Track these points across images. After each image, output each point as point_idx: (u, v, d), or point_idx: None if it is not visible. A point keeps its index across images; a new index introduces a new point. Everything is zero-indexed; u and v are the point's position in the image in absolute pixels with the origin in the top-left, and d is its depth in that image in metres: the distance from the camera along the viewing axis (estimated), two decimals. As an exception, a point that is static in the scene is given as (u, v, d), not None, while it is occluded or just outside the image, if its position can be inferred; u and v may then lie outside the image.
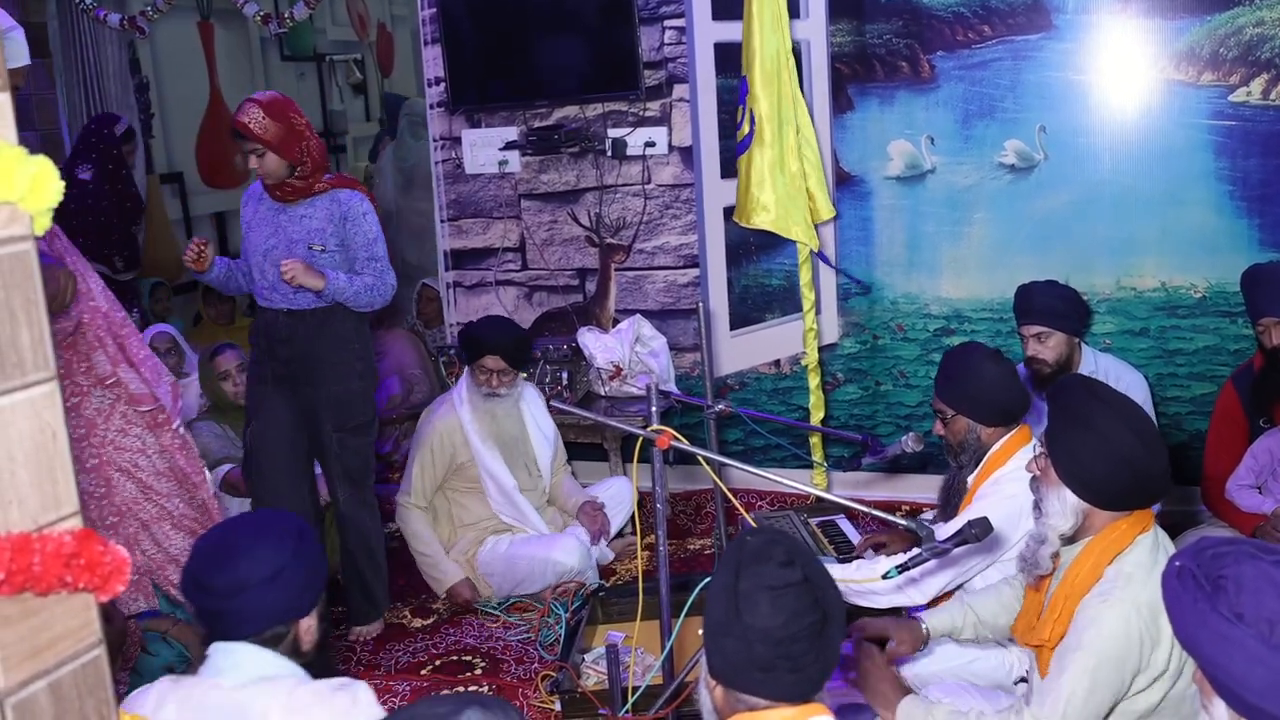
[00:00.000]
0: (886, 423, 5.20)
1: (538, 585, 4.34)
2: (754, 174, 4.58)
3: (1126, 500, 2.44)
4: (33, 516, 1.11)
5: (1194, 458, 4.59)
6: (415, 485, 4.45)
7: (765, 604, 1.80)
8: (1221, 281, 4.62)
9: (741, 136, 4.62)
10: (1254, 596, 1.63)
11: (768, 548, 1.86)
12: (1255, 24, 4.45)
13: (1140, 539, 2.43)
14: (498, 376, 4.39)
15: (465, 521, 4.50)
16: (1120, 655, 2.34)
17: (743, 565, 1.85)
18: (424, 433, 4.49)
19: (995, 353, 3.32)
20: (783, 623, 1.79)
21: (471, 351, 4.39)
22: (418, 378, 6.24)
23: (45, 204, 1.09)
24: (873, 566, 3.27)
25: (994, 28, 4.78)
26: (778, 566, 1.83)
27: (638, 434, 2.78)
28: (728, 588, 1.84)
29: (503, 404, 4.44)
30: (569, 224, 5.56)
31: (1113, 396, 2.47)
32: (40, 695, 1.11)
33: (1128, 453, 2.38)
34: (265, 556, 2.20)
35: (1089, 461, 2.41)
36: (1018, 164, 4.81)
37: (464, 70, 5.50)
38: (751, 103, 4.53)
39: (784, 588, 1.81)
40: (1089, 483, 2.42)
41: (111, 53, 6.65)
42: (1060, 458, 2.46)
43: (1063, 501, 2.46)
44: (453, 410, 4.46)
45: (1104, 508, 2.44)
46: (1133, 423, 2.41)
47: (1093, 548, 2.45)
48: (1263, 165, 4.51)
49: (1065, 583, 2.48)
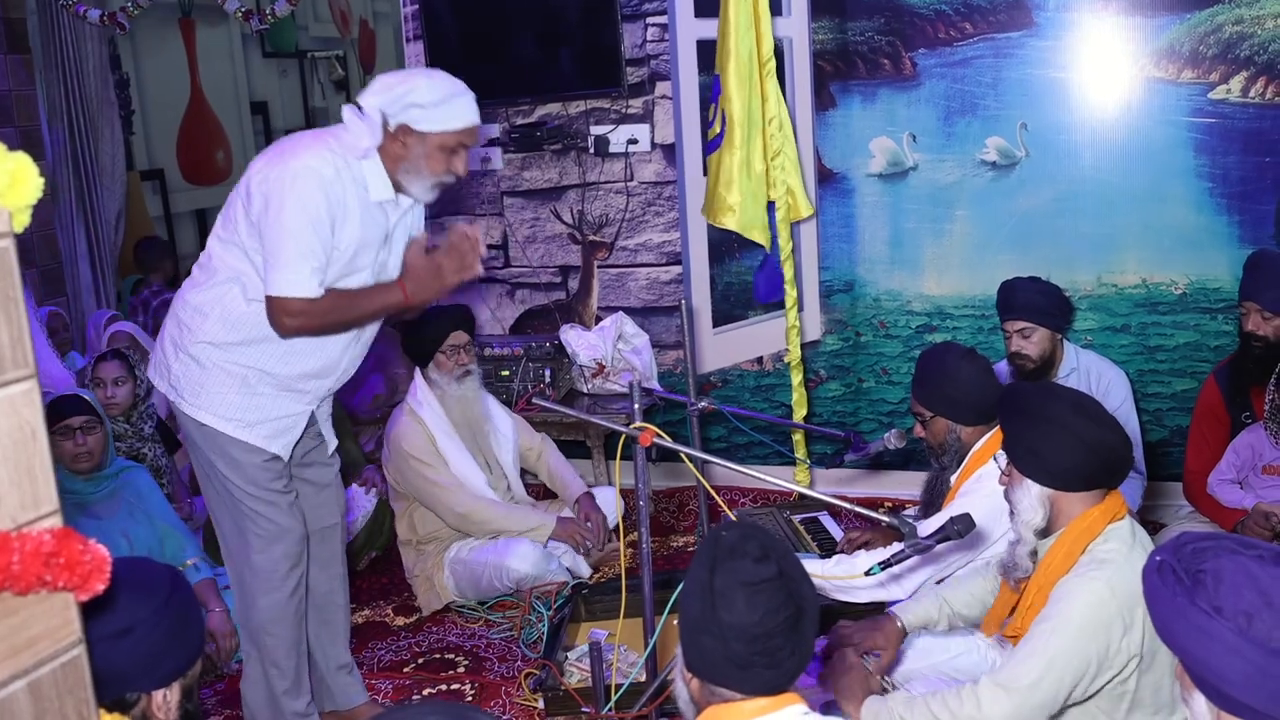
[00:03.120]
0: (869, 419, 5.22)
1: (498, 591, 4.31)
2: (722, 174, 4.58)
3: (1090, 479, 2.48)
4: (11, 515, 1.10)
5: (1175, 453, 4.62)
6: (445, 496, 4.32)
7: (741, 601, 1.81)
8: (1202, 278, 4.64)
9: (713, 135, 4.62)
10: (1232, 590, 1.64)
11: (742, 543, 1.86)
12: (1234, 22, 4.47)
13: (1113, 527, 2.47)
14: (465, 351, 4.37)
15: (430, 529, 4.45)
16: (1087, 630, 2.35)
17: (718, 561, 1.85)
18: (401, 456, 4.34)
19: (970, 351, 3.33)
20: (758, 619, 1.80)
21: (432, 340, 4.32)
22: (402, 376, 6.22)
23: (24, 200, 1.09)
24: (853, 562, 3.28)
25: (975, 25, 4.79)
26: (752, 562, 1.83)
27: (621, 431, 2.79)
28: (703, 584, 1.84)
29: (473, 382, 4.41)
30: (552, 221, 5.55)
31: (1055, 388, 2.56)
32: (19, 695, 1.11)
33: (1080, 430, 2.44)
34: (115, 608, 1.87)
35: (1046, 450, 2.46)
36: (999, 161, 4.82)
37: (446, 67, 5.43)
38: (724, 103, 4.53)
39: (759, 584, 1.81)
40: (1050, 469, 2.47)
41: (92, 49, 6.61)
42: (1020, 456, 2.52)
43: (1029, 494, 2.51)
44: (413, 418, 4.36)
45: (1069, 489, 2.48)
46: (1079, 405, 2.48)
47: (1065, 538, 2.48)
48: (1242, 162, 4.54)
49: (1039, 574, 2.51)
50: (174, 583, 2.03)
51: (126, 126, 7.43)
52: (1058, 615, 2.38)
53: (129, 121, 7.59)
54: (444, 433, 4.37)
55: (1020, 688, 2.36)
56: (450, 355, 4.35)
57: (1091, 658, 2.36)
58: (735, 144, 4.52)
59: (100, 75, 6.70)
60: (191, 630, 2.05)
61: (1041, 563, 2.50)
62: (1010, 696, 2.36)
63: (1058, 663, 2.35)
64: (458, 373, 4.36)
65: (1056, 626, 2.37)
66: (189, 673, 2.05)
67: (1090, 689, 2.40)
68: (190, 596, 2.09)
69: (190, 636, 2.04)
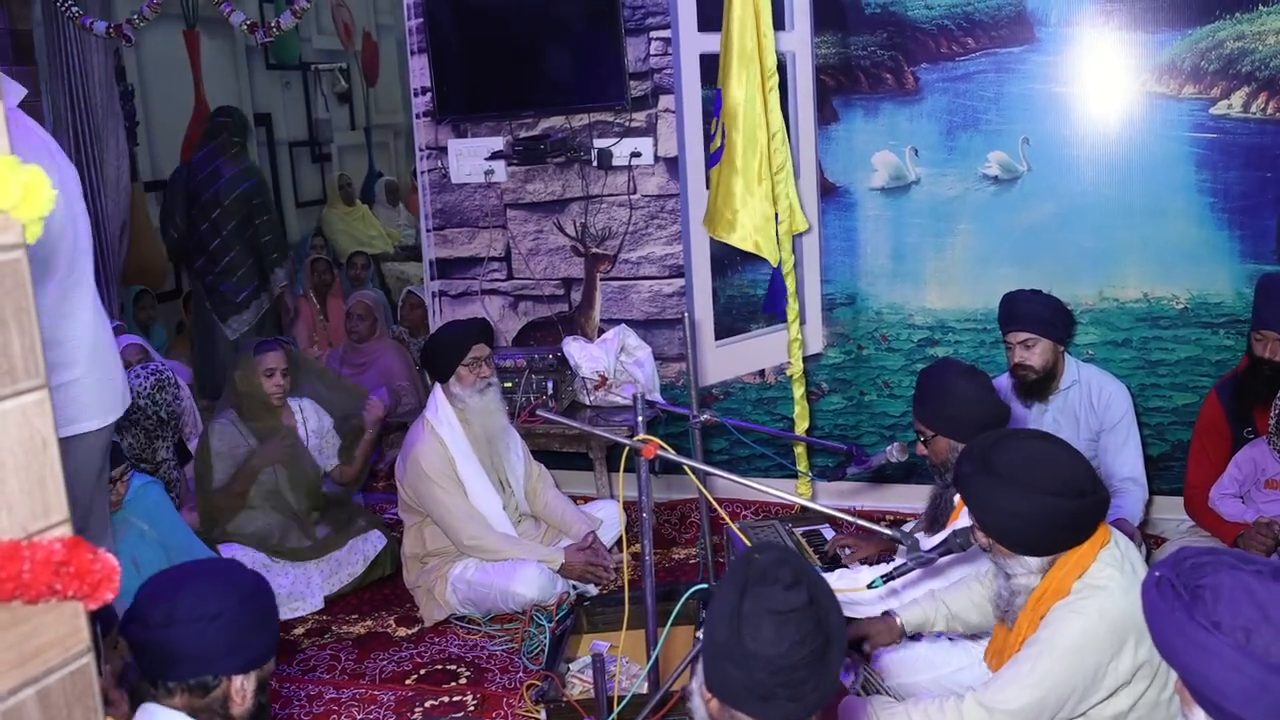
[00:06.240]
0: (871, 432, 5.22)
1: (501, 611, 4.30)
2: (723, 188, 4.58)
3: (1078, 534, 2.47)
4: (22, 524, 1.11)
5: (1176, 468, 4.63)
6: (457, 524, 4.32)
7: (769, 629, 1.76)
8: (1203, 293, 4.65)
9: (714, 149, 4.63)
10: (1230, 605, 1.65)
11: (774, 568, 1.81)
12: (1236, 38, 4.49)
13: (1101, 554, 2.46)
14: (486, 363, 4.38)
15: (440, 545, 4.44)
16: (1075, 654, 2.36)
17: (748, 585, 1.81)
18: (419, 475, 4.33)
19: (969, 369, 3.32)
20: (785, 650, 1.75)
21: (454, 354, 4.33)
22: (404, 389, 6.24)
23: (37, 213, 1.09)
24: (855, 577, 3.29)
25: (977, 40, 4.81)
26: (783, 589, 1.78)
27: (624, 443, 2.80)
28: (731, 608, 1.80)
29: (493, 394, 4.42)
30: (554, 234, 5.57)
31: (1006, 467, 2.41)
32: (29, 703, 1.11)
33: (1054, 512, 2.39)
34: (208, 594, 2.11)
35: (1029, 533, 2.44)
36: (1001, 175, 4.84)
37: (450, 80, 5.51)
38: (725, 117, 4.53)
39: (788, 612, 1.77)
40: (1038, 546, 2.46)
41: (97, 60, 6.64)
42: (1004, 538, 2.49)
43: (1025, 565, 2.50)
44: (434, 437, 4.36)
45: (1065, 550, 2.47)
46: (1038, 482, 2.38)
47: (1056, 572, 2.48)
48: (1243, 177, 4.55)
49: (1030, 606, 2.51)
50: (258, 582, 2.24)
51: (131, 137, 7.45)
52: (1046, 640, 2.39)
53: (133, 132, 7.61)
54: (463, 453, 4.37)
55: (1002, 709, 2.37)
56: (472, 368, 4.35)
57: (1077, 681, 2.37)
58: (737, 158, 4.52)
59: (105, 86, 6.72)
60: (271, 624, 2.23)
61: (1034, 594, 2.51)
62: (992, 716, 2.36)
63: (1042, 686, 2.36)
64: (479, 385, 4.37)
65: (1044, 650, 2.38)
66: (265, 665, 2.21)
67: (1075, 710, 2.41)
68: (271, 597, 2.27)
69: (271, 629, 2.22)
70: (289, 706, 3.73)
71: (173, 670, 2.11)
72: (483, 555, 4.31)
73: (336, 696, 3.81)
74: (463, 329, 4.43)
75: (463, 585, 4.31)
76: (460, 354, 4.33)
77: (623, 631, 3.13)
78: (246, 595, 2.16)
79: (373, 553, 4.71)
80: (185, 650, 2.09)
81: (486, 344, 4.41)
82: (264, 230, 6.60)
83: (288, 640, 4.22)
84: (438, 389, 4.43)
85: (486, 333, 4.47)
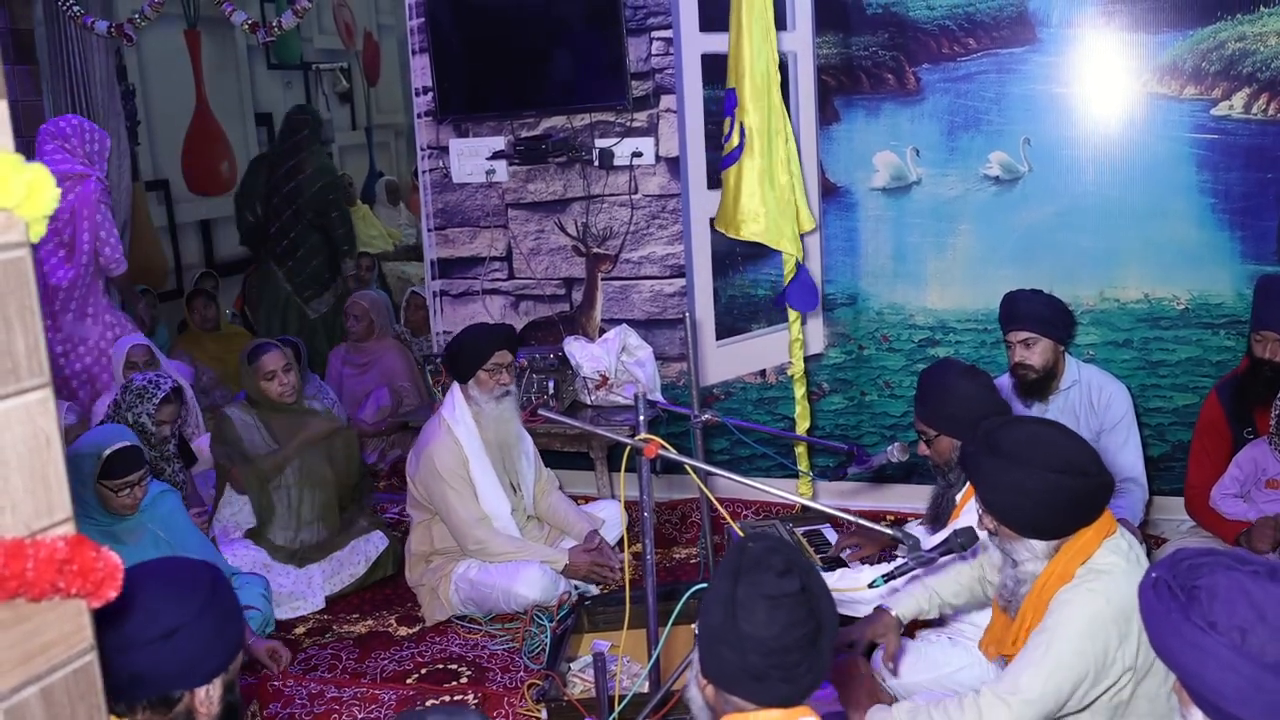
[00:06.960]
0: (872, 433, 5.23)
1: (503, 611, 4.30)
2: (745, 185, 4.56)
3: (1082, 516, 2.47)
4: (26, 522, 1.11)
5: (1176, 468, 4.63)
6: (464, 527, 4.31)
7: (762, 613, 1.81)
8: (1204, 293, 4.65)
9: (730, 149, 4.60)
10: (1226, 605, 1.65)
11: (767, 556, 1.87)
12: (1237, 39, 4.49)
13: (1106, 542, 2.47)
14: (507, 370, 4.36)
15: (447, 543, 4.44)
16: (1084, 638, 2.37)
17: (742, 572, 1.86)
18: (432, 472, 4.32)
19: (970, 368, 3.32)
20: (778, 633, 1.81)
21: (477, 357, 4.31)
22: (406, 390, 6.24)
23: (41, 211, 1.10)
24: (856, 576, 3.29)
25: (979, 40, 4.81)
26: (776, 575, 1.84)
27: (626, 443, 2.80)
28: (725, 593, 1.85)
29: (510, 403, 4.40)
30: (556, 233, 5.57)
31: (1012, 446, 2.44)
32: (32, 701, 1.12)
33: (1058, 490, 2.39)
34: (160, 609, 1.93)
35: (1034, 513, 2.44)
36: (1002, 176, 4.84)
37: (451, 80, 5.51)
38: (741, 115, 4.52)
39: (781, 597, 1.82)
40: (1043, 527, 2.46)
41: (98, 60, 6.65)
42: (1009, 519, 2.49)
43: (1031, 549, 2.50)
44: (450, 437, 4.35)
45: (1069, 534, 2.47)
46: (1041, 459, 2.40)
47: (1061, 557, 2.48)
48: (1244, 178, 4.55)
49: (1035, 592, 2.51)
50: (214, 580, 2.05)
51: (132, 137, 7.46)
52: (1055, 625, 2.40)
53: (134, 132, 7.62)
54: (476, 454, 4.36)
55: (1019, 699, 2.38)
56: (493, 374, 4.32)
57: (1089, 665, 2.38)
58: (756, 153, 4.49)
59: (107, 86, 6.73)
60: (233, 627, 2.07)
61: (1037, 581, 2.51)
62: (1010, 708, 2.37)
63: (1056, 673, 2.37)
64: (498, 392, 4.34)
65: (1054, 636, 2.39)
66: (230, 667, 2.07)
67: (1086, 698, 2.42)
68: (230, 592, 2.10)
69: (232, 633, 2.06)
70: (290, 706, 3.74)
71: (129, 694, 1.95)
72: (487, 558, 4.31)
73: (338, 695, 3.81)
74: (488, 333, 4.39)
75: (465, 585, 4.31)
76: (483, 358, 4.30)
77: (624, 631, 3.14)
78: (203, 603, 1.99)
79: (374, 553, 4.71)
80: (142, 674, 1.93)
81: (511, 351, 4.38)
82: (338, 224, 7.17)
83: (288, 640, 4.23)
84: (455, 388, 4.42)
85: (512, 340, 4.42)
